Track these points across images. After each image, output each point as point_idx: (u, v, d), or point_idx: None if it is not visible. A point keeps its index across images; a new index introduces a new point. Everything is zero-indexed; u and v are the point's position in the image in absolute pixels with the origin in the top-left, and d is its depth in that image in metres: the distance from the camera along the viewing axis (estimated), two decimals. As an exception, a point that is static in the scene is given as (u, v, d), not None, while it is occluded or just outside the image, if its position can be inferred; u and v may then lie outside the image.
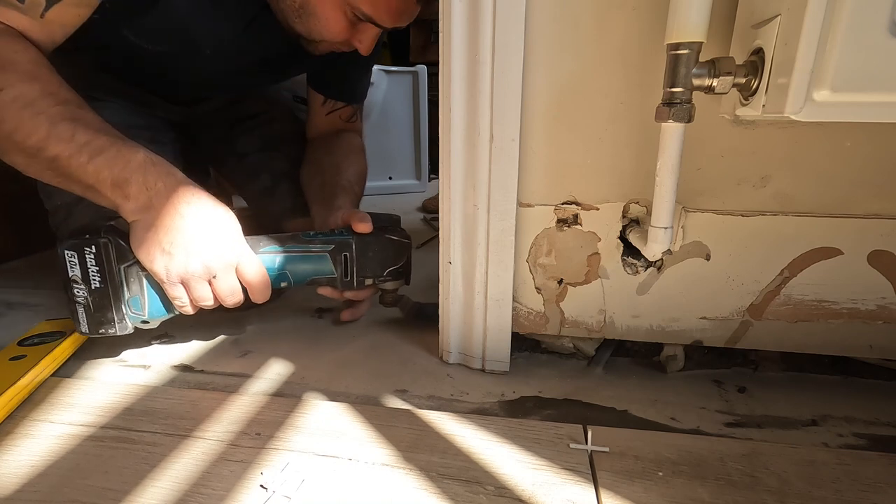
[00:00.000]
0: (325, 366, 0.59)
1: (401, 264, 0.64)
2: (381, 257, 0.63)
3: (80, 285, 0.52)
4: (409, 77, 1.65)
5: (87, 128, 0.51)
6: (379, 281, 0.64)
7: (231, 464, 0.42)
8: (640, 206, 0.50)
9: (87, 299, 0.52)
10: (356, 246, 0.61)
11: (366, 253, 0.62)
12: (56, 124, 0.50)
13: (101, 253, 0.51)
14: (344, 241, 0.61)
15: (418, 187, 1.75)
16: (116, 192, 0.51)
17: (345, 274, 0.62)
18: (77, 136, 0.50)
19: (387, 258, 0.63)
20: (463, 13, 0.46)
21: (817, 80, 0.32)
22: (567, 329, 0.56)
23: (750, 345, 0.54)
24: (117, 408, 0.49)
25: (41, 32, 0.54)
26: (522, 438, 0.45)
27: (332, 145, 0.85)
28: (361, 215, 0.63)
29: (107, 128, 0.53)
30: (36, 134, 0.49)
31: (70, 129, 0.50)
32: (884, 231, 0.48)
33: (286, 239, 0.60)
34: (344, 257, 0.61)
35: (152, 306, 0.55)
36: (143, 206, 0.51)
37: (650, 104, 0.41)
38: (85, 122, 0.51)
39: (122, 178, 0.50)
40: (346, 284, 0.62)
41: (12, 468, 0.41)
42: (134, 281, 0.53)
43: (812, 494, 0.39)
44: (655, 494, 0.39)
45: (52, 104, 0.50)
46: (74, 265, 0.51)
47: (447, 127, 0.50)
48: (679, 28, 0.37)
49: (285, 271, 0.59)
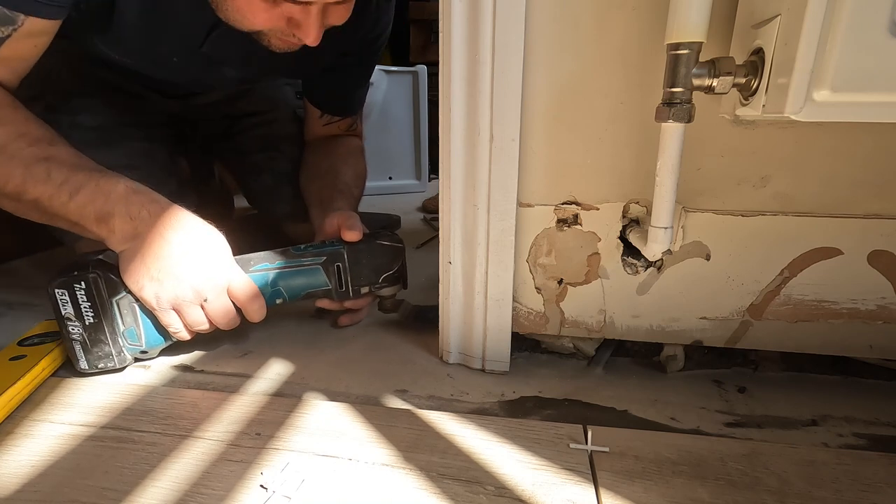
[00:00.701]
0: (325, 366, 0.59)
1: (396, 269, 0.64)
2: (375, 264, 0.62)
3: (73, 322, 0.51)
4: (409, 77, 1.65)
5: (62, 166, 0.51)
6: (375, 288, 0.64)
7: (231, 464, 0.42)
8: (640, 206, 0.50)
9: (83, 335, 0.52)
10: (348, 255, 0.60)
11: (358, 261, 0.61)
12: (30, 167, 0.49)
13: (92, 288, 0.51)
14: (335, 251, 0.60)
15: (418, 187, 1.75)
16: (101, 227, 0.51)
17: (339, 285, 0.61)
18: (53, 176, 0.50)
19: (380, 265, 0.63)
20: (463, 13, 0.46)
21: (817, 80, 0.32)
22: (567, 329, 0.56)
23: (750, 345, 0.54)
24: (117, 408, 0.49)
25: (1, 71, 0.53)
26: (522, 438, 0.45)
27: (330, 148, 0.84)
28: (351, 223, 0.62)
29: (82, 161, 0.53)
30: (13, 179, 0.49)
31: (45, 170, 0.50)
32: (884, 231, 0.48)
33: (277, 255, 0.59)
34: (337, 268, 0.60)
35: (148, 336, 0.55)
36: (128, 236, 0.51)
37: (650, 104, 0.41)
38: (59, 161, 0.51)
39: (104, 211, 0.50)
40: (342, 295, 0.62)
41: (12, 468, 0.41)
42: (127, 312, 0.53)
43: (812, 494, 0.39)
44: (655, 494, 0.39)
45: (24, 146, 0.50)
46: (66, 303, 0.50)
47: (447, 127, 0.50)
48: (679, 28, 0.37)
49: (279, 288, 0.58)
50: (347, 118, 0.86)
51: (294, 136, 0.90)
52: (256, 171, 0.91)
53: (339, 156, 0.83)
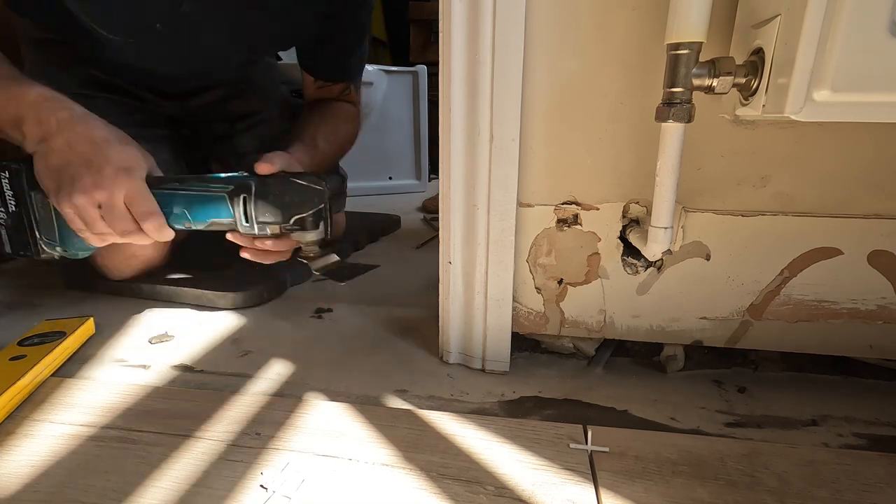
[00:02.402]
0: (325, 366, 0.59)
1: (310, 212, 0.57)
2: (285, 202, 0.56)
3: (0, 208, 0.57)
4: (409, 77, 1.65)
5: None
6: (286, 229, 0.58)
7: (231, 464, 0.42)
8: (640, 206, 0.50)
9: (7, 221, 0.56)
10: (256, 188, 0.55)
11: (266, 196, 0.56)
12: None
13: (14, 178, 0.55)
14: (243, 182, 0.56)
15: (418, 187, 1.75)
16: (16, 131, 0.54)
17: (244, 218, 0.56)
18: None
19: (291, 204, 0.56)
20: (463, 13, 0.46)
21: (817, 80, 0.32)
22: (567, 329, 0.56)
23: (750, 345, 0.54)
24: (118, 408, 0.49)
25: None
26: (522, 438, 0.45)
27: (318, 109, 0.84)
28: (271, 156, 0.58)
29: (5, 71, 0.55)
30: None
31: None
32: (884, 231, 0.48)
33: (190, 178, 0.58)
34: (243, 200, 0.55)
35: (62, 234, 0.58)
36: (38, 139, 0.54)
37: (650, 104, 0.41)
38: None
39: (17, 115, 0.53)
40: (248, 230, 0.57)
41: (13, 468, 0.41)
42: (42, 207, 0.57)
43: (812, 494, 0.39)
44: (655, 494, 0.39)
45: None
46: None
47: (447, 127, 0.50)
48: (679, 28, 0.37)
49: (183, 211, 0.56)
50: (340, 83, 0.86)
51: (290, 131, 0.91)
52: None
53: (322, 114, 0.82)
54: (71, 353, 0.59)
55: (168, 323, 0.69)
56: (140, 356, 0.60)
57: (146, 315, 0.72)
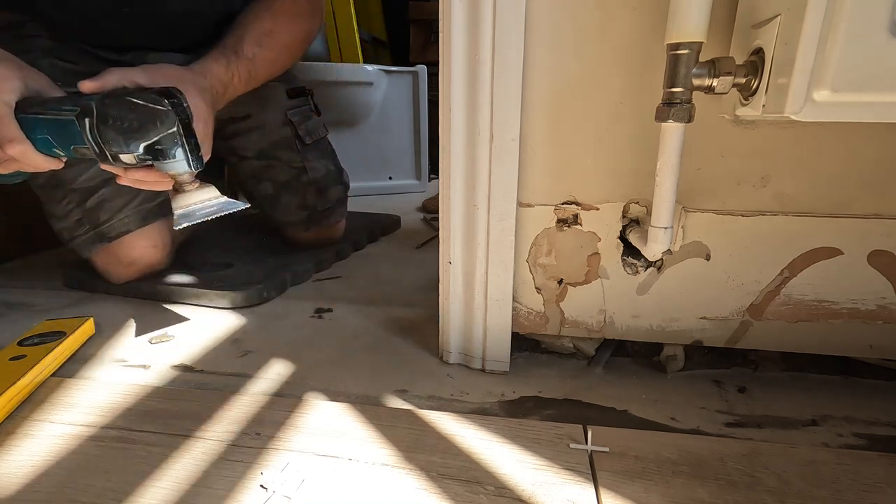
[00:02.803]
0: (325, 366, 0.59)
1: (156, 138, 0.49)
2: (125, 127, 0.49)
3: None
4: (409, 77, 1.65)
5: None
6: (140, 158, 0.50)
7: (231, 464, 0.42)
8: (640, 206, 0.50)
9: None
10: (97, 110, 0.49)
11: (106, 119, 0.49)
12: None
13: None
14: (87, 104, 0.50)
15: (418, 187, 1.75)
16: None
17: (95, 146, 0.51)
18: None
19: (132, 128, 0.49)
20: (463, 13, 0.46)
21: (817, 80, 0.32)
22: (567, 329, 0.56)
23: (750, 345, 0.54)
24: (118, 408, 0.49)
25: None
26: (522, 438, 0.45)
27: (258, 4, 0.74)
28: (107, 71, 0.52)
29: None
30: None
31: None
32: (884, 231, 0.48)
33: (54, 101, 0.52)
34: (88, 124, 0.50)
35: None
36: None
37: (650, 104, 0.42)
38: None
39: None
40: (102, 158, 0.51)
41: (13, 468, 0.41)
42: None
43: (812, 494, 0.39)
44: (655, 494, 0.39)
45: None
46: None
47: (447, 127, 0.50)
48: (679, 28, 0.37)
49: (46, 137, 0.52)
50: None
51: (289, 139, 0.90)
52: (256, 178, 0.91)
53: (257, 12, 0.72)
54: (71, 354, 0.59)
55: (168, 323, 0.69)
56: (140, 356, 0.60)
57: (146, 315, 0.72)
